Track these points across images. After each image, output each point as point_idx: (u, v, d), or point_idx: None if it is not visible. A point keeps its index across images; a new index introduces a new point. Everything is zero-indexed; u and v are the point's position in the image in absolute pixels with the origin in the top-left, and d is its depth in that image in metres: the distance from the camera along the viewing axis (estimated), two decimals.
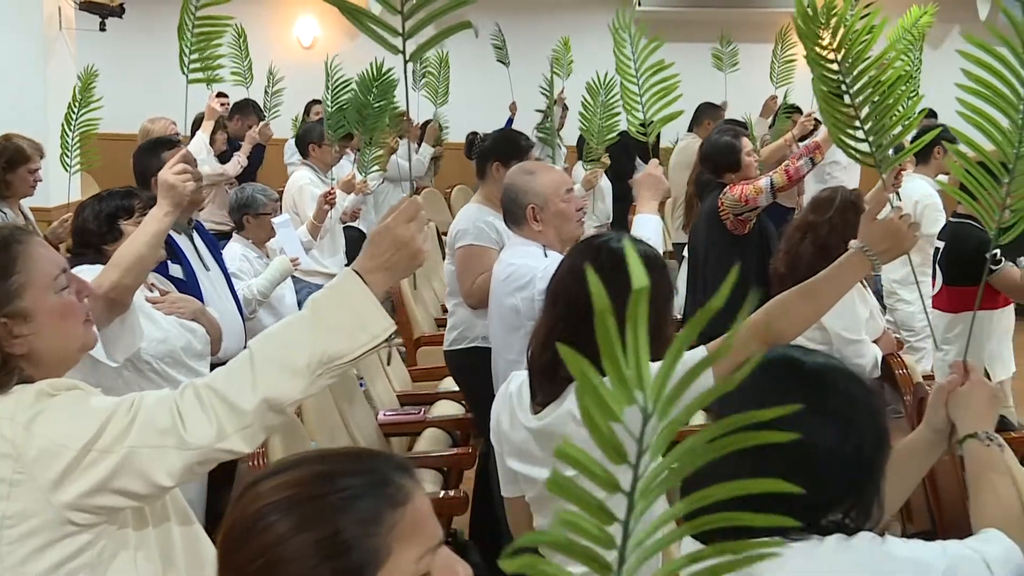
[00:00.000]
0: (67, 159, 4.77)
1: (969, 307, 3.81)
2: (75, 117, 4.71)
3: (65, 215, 4.31)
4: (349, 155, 6.56)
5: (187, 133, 5.71)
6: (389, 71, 4.85)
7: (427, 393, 4.54)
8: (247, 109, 6.93)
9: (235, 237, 4.57)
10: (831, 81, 2.09)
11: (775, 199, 4.24)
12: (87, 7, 6.74)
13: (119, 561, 1.58)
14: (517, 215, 3.08)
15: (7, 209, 4.57)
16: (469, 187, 8.06)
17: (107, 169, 5.35)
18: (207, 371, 2.84)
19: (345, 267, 1.72)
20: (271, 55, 7.38)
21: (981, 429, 1.75)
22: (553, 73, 6.67)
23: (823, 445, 1.37)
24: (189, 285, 3.22)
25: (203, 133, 6.01)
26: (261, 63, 6.58)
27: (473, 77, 9.40)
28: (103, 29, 7.06)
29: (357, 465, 1.05)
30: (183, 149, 2.68)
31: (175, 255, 3.22)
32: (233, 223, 4.64)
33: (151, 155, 3.31)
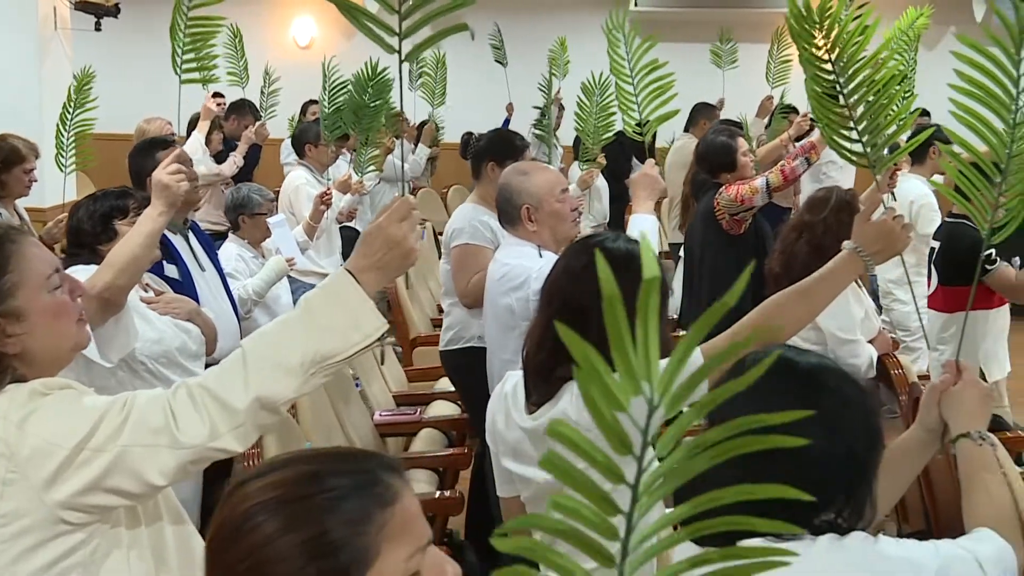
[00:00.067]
0: (62, 159, 4.76)
1: (964, 307, 3.80)
2: (70, 117, 4.71)
3: (60, 215, 4.30)
4: (345, 155, 6.57)
5: (182, 133, 5.70)
6: (384, 70, 4.84)
7: (423, 393, 4.54)
8: (243, 109, 6.93)
9: (231, 237, 4.56)
10: (825, 82, 2.09)
11: (771, 199, 4.25)
12: (83, 7, 6.73)
13: (112, 560, 1.58)
14: (511, 215, 3.08)
15: (2, 209, 4.57)
16: (465, 187, 8.06)
17: (103, 169, 5.34)
18: (202, 372, 2.83)
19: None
20: (268, 55, 7.39)
21: (974, 428, 1.75)
22: (551, 73, 6.68)
23: (816, 445, 1.37)
24: (185, 285, 3.21)
25: (199, 133, 6.00)
26: (257, 63, 6.58)
27: (470, 77, 9.40)
28: (99, 29, 7.06)
29: (345, 465, 1.04)
30: (178, 149, 2.67)
31: (171, 255, 3.21)
32: (229, 223, 4.64)
33: (146, 155, 3.31)
